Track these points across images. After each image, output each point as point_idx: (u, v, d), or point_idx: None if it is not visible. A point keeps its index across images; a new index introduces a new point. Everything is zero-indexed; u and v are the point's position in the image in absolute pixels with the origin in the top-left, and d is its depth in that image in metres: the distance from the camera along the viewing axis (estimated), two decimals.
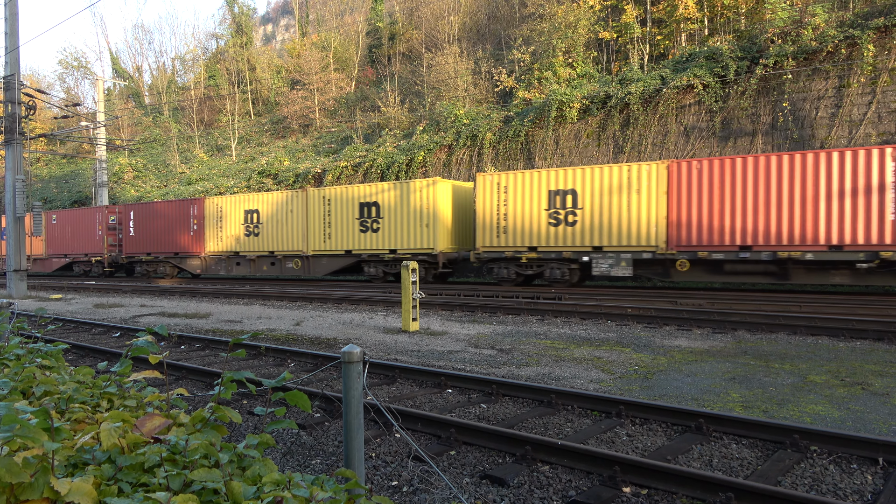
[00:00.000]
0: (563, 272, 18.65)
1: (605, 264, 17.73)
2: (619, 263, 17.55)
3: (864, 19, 20.31)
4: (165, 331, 2.54)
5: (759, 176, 15.50)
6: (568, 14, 28.12)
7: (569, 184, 18.22)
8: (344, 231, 22.19)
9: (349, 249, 22.00)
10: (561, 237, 18.33)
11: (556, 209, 18.44)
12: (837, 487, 4.19)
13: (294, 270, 23.76)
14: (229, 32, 53.21)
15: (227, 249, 25.54)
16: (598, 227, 17.70)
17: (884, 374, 7.53)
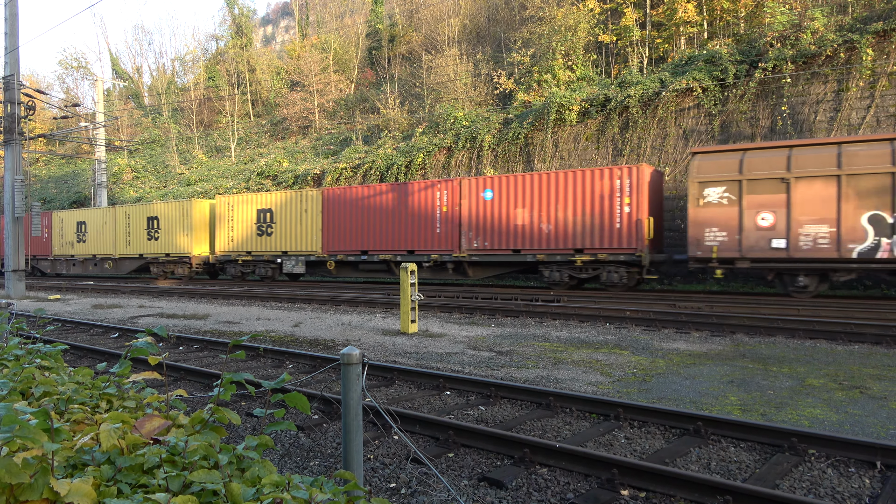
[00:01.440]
0: (267, 270, 24.77)
1: (290, 264, 23.85)
2: (298, 263, 23.69)
3: (862, 23, 20.36)
4: (165, 332, 2.54)
5: (387, 202, 21.46)
6: (567, 17, 28.17)
7: (269, 204, 24.43)
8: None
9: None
10: (264, 244, 24.46)
11: (261, 223, 24.60)
12: (835, 491, 4.20)
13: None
14: (229, 34, 53.26)
15: None
16: (286, 237, 23.90)
17: (882, 377, 7.54)
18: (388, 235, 21.35)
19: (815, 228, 14.71)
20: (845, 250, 14.37)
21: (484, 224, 19.45)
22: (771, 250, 15.15)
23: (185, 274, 27.41)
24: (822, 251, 14.59)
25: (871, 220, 14.15)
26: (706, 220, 15.89)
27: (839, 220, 14.41)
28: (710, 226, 15.86)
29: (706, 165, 15.98)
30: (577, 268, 18.17)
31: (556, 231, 18.24)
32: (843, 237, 14.38)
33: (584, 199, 17.80)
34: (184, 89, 54.57)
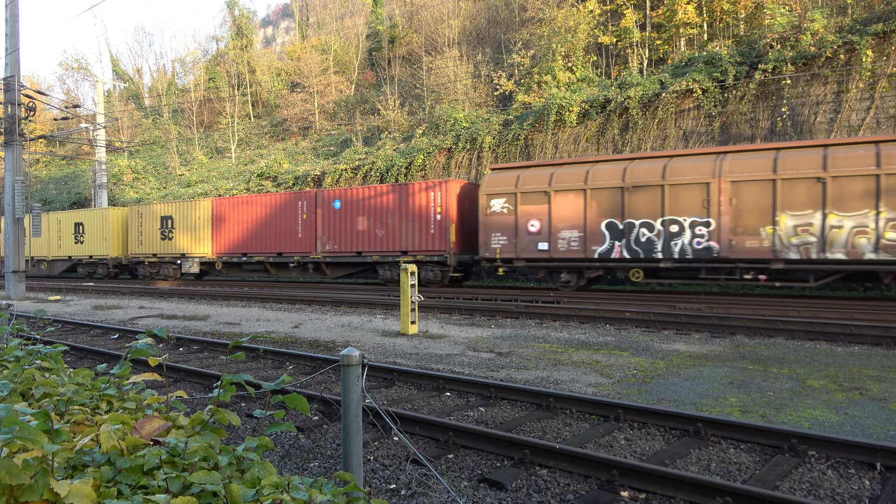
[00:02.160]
0: (169, 270, 28.06)
1: (187, 265, 27.10)
2: (193, 264, 26.87)
3: (862, 25, 20.37)
4: (165, 333, 2.55)
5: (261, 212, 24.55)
6: (568, 18, 28.18)
7: (170, 212, 27.65)
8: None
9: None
10: (167, 247, 27.64)
11: (164, 228, 27.85)
12: (835, 492, 4.20)
13: None
14: (229, 35, 53.28)
15: None
16: (184, 241, 26.95)
17: (882, 379, 7.54)
18: (262, 240, 24.48)
19: (568, 233, 17.73)
20: (590, 251, 17.36)
21: (334, 230, 22.42)
22: (538, 251, 18.09)
23: (104, 273, 30.99)
24: (574, 252, 17.56)
25: (608, 226, 17.10)
26: (492, 226, 18.76)
27: (585, 226, 17.35)
28: (495, 231, 18.72)
29: (493, 180, 18.97)
30: (423, 265, 20.92)
31: (388, 236, 21.14)
32: (588, 240, 17.33)
33: (408, 209, 20.67)
34: (184, 90, 54.59)
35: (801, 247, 14.66)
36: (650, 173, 16.43)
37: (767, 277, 15.60)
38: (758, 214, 15.12)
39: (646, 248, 16.47)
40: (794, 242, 14.74)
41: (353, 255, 21.90)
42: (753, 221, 15.19)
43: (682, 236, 16.02)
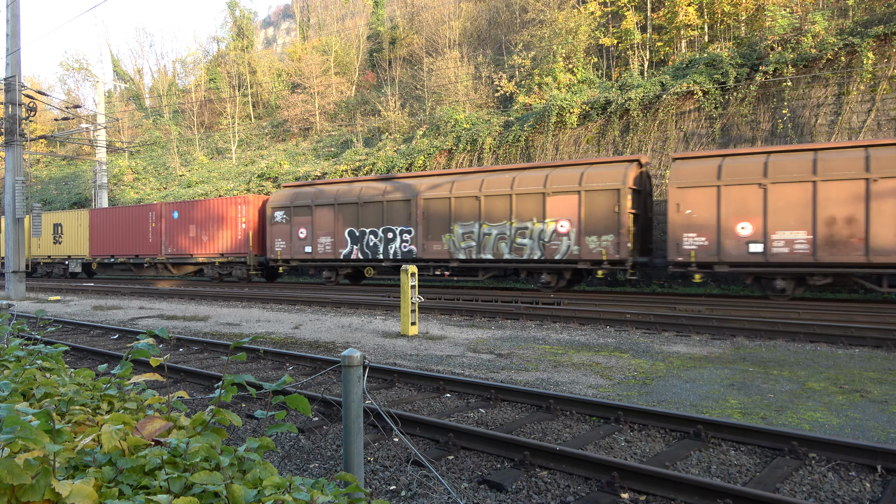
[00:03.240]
0: (60, 269, 33.19)
1: (72, 265, 32.35)
2: (76, 265, 32.27)
3: (863, 27, 20.38)
4: (166, 333, 2.54)
5: (123, 219, 28.88)
6: (568, 20, 28.19)
7: (60, 219, 32.44)
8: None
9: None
10: (58, 250, 32.57)
11: (56, 234, 32.47)
12: (836, 495, 4.19)
13: None
14: (230, 36, 53.32)
15: None
16: (70, 244, 31.82)
17: (882, 381, 7.54)
18: (125, 244, 28.93)
19: (325, 239, 22.15)
20: (338, 253, 21.80)
21: (173, 236, 26.98)
22: (305, 254, 22.70)
23: None
24: (329, 254, 22.10)
25: (349, 234, 21.63)
26: (276, 234, 23.42)
27: (335, 234, 21.84)
28: (278, 237, 23.31)
29: (276, 196, 23.89)
30: (221, 266, 25.71)
31: (210, 241, 25.63)
32: (337, 245, 21.90)
33: (224, 220, 25.11)
34: (185, 91, 54.61)
35: (466, 249, 18.99)
36: (376, 191, 21.10)
37: (450, 273, 19.94)
38: (441, 225, 19.43)
39: (373, 251, 21.01)
40: (462, 246, 19.07)
41: (187, 257, 26.74)
42: (438, 230, 19.43)
43: (394, 242, 20.53)
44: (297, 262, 23.00)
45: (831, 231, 14.22)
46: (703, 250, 15.42)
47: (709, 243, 15.40)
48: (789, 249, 14.65)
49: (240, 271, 25.08)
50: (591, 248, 16.93)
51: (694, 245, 15.54)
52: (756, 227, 14.94)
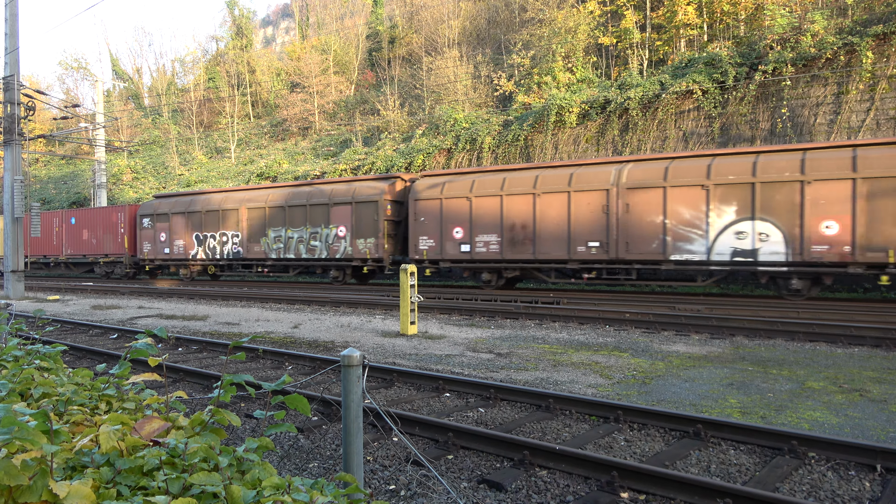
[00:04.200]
0: None
1: None
2: None
3: (862, 26, 20.38)
4: (165, 333, 2.53)
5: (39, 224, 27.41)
6: (568, 19, 28.18)
7: None
8: None
9: None
10: None
11: None
12: (835, 494, 4.19)
13: None
14: (229, 35, 53.26)
15: None
16: None
17: (882, 380, 7.54)
18: (39, 246, 31.71)
19: (179, 241, 25.87)
20: (188, 254, 25.47)
21: (71, 239, 30.55)
22: (165, 254, 26.41)
23: None
24: (182, 255, 25.85)
25: (196, 237, 25.16)
26: (144, 237, 27.33)
27: (186, 236, 25.52)
28: (145, 240, 27.34)
29: (144, 206, 27.76)
30: (105, 265, 29.97)
31: (98, 243, 29.55)
32: (187, 246, 25.52)
33: (108, 224, 29.21)
34: (184, 90, 54.56)
35: (277, 250, 22.73)
36: (214, 202, 24.83)
37: (268, 270, 23.90)
38: (259, 230, 23.20)
39: (213, 252, 24.68)
40: (274, 248, 22.81)
41: (81, 257, 30.37)
42: (257, 235, 23.26)
43: (227, 244, 24.25)
44: (160, 262, 27.25)
45: (512, 235, 17.84)
46: (432, 250, 19.27)
47: (436, 244, 19.21)
48: (487, 249, 18.36)
49: (120, 269, 29.56)
50: (360, 249, 20.71)
51: (426, 246, 19.38)
52: (465, 232, 18.69)
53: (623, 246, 16.13)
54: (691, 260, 15.42)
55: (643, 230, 15.86)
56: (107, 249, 29.39)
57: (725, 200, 14.94)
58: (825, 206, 13.89)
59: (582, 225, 16.75)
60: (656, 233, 15.74)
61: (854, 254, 13.61)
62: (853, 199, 13.59)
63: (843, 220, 13.74)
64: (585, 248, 16.68)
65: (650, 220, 15.78)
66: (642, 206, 15.87)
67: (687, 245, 15.42)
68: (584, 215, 16.70)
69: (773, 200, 14.42)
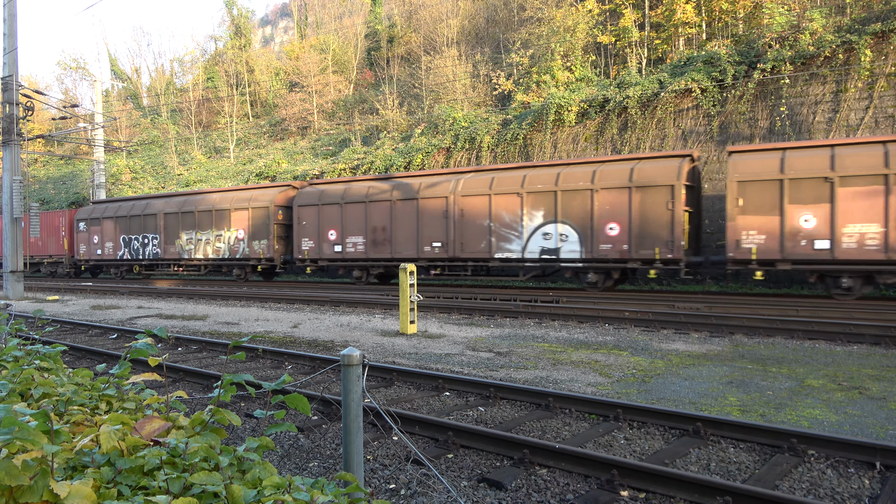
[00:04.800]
0: None
1: None
2: None
3: (861, 24, 20.38)
4: (164, 333, 2.54)
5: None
6: (566, 18, 28.17)
7: None
8: None
9: None
10: None
11: None
12: (835, 492, 4.20)
13: None
14: (228, 34, 53.21)
15: None
16: None
17: (881, 378, 7.55)
18: None
19: (109, 243, 28.78)
20: (116, 255, 28.57)
21: (27, 240, 30.21)
22: (97, 255, 29.23)
23: None
24: (111, 256, 28.70)
25: (123, 240, 28.20)
26: (80, 240, 30.02)
27: (115, 239, 28.34)
28: (81, 242, 29.89)
29: (81, 211, 30.32)
30: (49, 265, 32.55)
31: (45, 245, 32.09)
32: (115, 248, 28.42)
33: (52, 228, 31.78)
34: (182, 90, 54.52)
35: (188, 251, 25.51)
36: (138, 207, 27.65)
37: (181, 269, 26.80)
38: (175, 233, 26.02)
39: (136, 252, 27.53)
40: (186, 248, 25.55)
41: (34, 257, 32.62)
42: (173, 237, 26.13)
43: (148, 246, 27.02)
44: (94, 262, 29.69)
45: (374, 237, 20.51)
46: (312, 251, 22.11)
47: (315, 245, 21.86)
48: (355, 249, 20.97)
49: (62, 269, 32.06)
50: (255, 250, 23.49)
51: (307, 247, 22.26)
52: (338, 235, 21.28)
53: (459, 246, 18.72)
54: (510, 258, 17.90)
55: (474, 232, 18.43)
56: (51, 251, 32.30)
57: (535, 206, 17.39)
58: (610, 210, 16.39)
59: (428, 228, 19.27)
60: (484, 234, 18.28)
61: (631, 251, 16.12)
62: (630, 206, 16.09)
63: (623, 223, 16.28)
64: (431, 247, 19.23)
65: (479, 224, 18.35)
66: (474, 211, 18.44)
67: (507, 245, 17.93)
68: (430, 220, 19.25)
69: (571, 206, 16.91)
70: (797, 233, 14.41)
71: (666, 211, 15.64)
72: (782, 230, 14.52)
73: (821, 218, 14.13)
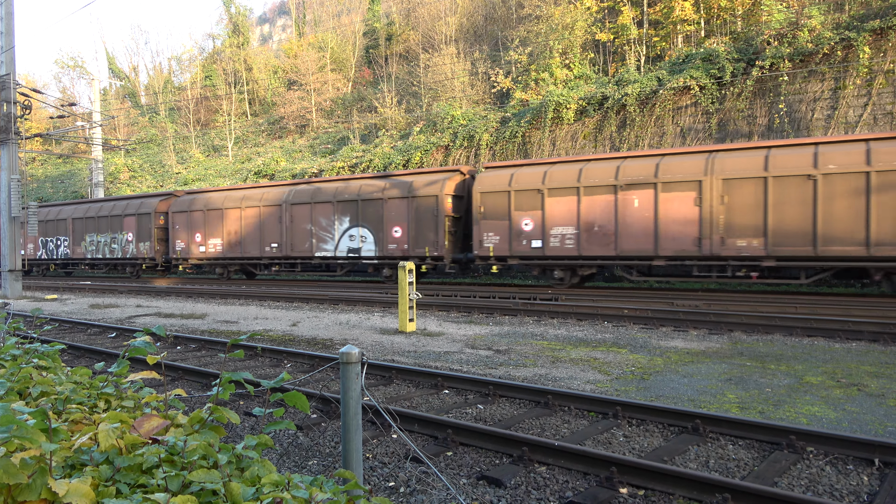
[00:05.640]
0: None
1: None
2: None
3: (859, 21, 20.38)
4: (163, 331, 2.53)
5: None
6: (565, 15, 28.15)
7: None
8: None
9: None
10: None
11: None
12: (833, 488, 4.20)
13: None
14: (226, 32, 53.14)
15: None
16: None
17: (879, 375, 7.56)
18: None
19: (30, 245, 31.52)
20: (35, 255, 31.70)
21: None
22: (37, 259, 31.87)
23: None
24: (31, 255, 31.36)
25: (42, 242, 31.07)
26: (29, 240, 31.72)
27: (35, 240, 31.36)
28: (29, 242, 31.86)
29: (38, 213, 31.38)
30: None
31: None
32: (35, 249, 31.77)
33: None
34: (180, 88, 54.46)
35: (91, 251, 28.69)
36: (53, 212, 30.53)
37: (87, 267, 29.99)
38: (82, 235, 28.99)
39: (52, 253, 30.72)
40: (90, 249, 28.75)
41: None
42: (80, 239, 29.33)
43: (60, 247, 30.50)
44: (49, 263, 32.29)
45: (229, 239, 23.83)
46: (183, 251, 25.11)
47: (185, 246, 24.97)
48: (215, 250, 24.23)
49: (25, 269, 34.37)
50: (140, 250, 26.85)
51: (179, 248, 25.14)
52: (202, 238, 24.52)
53: (290, 246, 22.07)
54: (326, 256, 21.31)
55: (301, 234, 21.78)
56: None
57: (344, 213, 20.85)
58: (395, 217, 19.53)
59: (267, 231, 22.60)
60: (308, 236, 21.62)
61: (409, 250, 19.18)
62: (408, 213, 19.18)
63: (404, 228, 19.35)
64: (270, 248, 22.62)
65: (304, 227, 21.73)
66: (300, 217, 21.84)
67: (324, 245, 21.36)
68: (269, 224, 22.60)
69: (368, 212, 20.18)
70: (520, 234, 17.32)
71: (433, 217, 18.96)
72: (510, 232, 17.49)
73: (536, 222, 17.11)
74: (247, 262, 23.68)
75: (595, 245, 16.24)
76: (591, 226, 16.28)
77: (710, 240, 14.67)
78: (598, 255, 16.35)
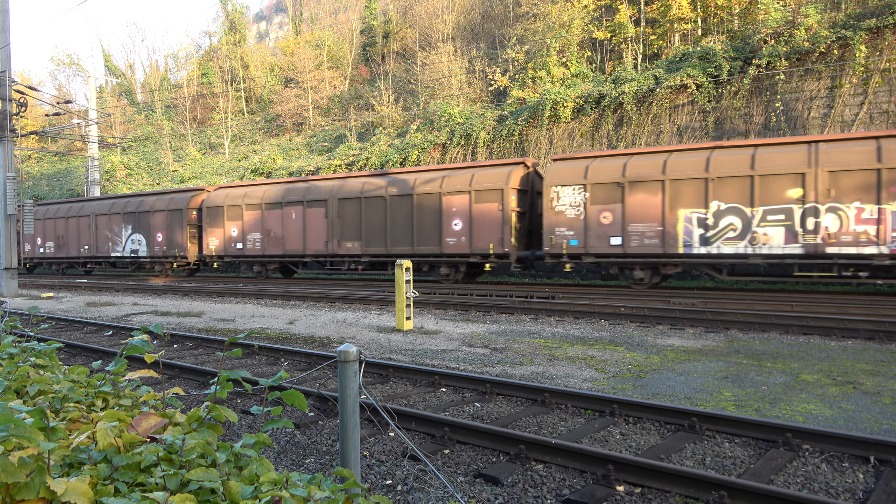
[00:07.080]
0: None
1: None
2: None
3: (856, 20, 20.42)
4: (161, 330, 2.53)
5: None
6: (562, 13, 28.15)
7: None
8: None
9: None
10: None
11: None
12: (829, 486, 4.22)
13: None
14: (223, 30, 53.02)
15: None
16: None
17: (875, 373, 7.59)
18: None
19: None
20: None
21: None
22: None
23: None
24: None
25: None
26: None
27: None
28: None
29: None
30: None
31: None
32: None
33: None
34: (177, 86, 54.32)
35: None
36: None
37: None
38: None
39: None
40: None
41: None
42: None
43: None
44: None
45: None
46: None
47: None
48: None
49: None
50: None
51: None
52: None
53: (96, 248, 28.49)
54: (117, 256, 27.57)
55: (103, 239, 27.70)
56: None
57: (127, 222, 27.11)
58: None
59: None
60: (106, 240, 28.10)
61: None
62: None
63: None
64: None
65: (105, 234, 27.49)
66: (104, 224, 27.02)
67: (116, 247, 27.62)
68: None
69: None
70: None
71: None
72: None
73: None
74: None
75: None
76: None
77: None
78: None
